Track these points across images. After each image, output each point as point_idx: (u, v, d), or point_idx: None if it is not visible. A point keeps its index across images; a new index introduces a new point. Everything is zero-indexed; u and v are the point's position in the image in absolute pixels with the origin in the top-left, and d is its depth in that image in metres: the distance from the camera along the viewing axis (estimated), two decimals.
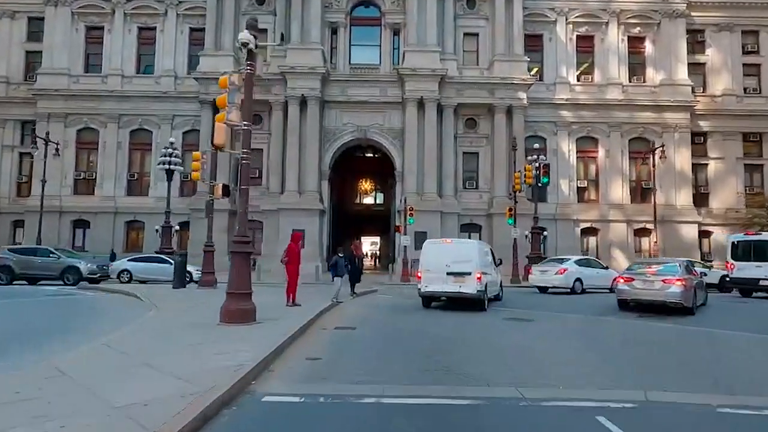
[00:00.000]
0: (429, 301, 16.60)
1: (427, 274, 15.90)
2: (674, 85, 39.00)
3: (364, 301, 18.36)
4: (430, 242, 17.59)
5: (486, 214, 36.43)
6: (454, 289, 15.54)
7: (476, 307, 15.65)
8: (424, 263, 16.15)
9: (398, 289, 23.33)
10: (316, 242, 34.23)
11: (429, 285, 15.80)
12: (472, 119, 37.47)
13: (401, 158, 35.95)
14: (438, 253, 16.00)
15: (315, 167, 35.03)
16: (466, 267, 15.37)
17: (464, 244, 17.52)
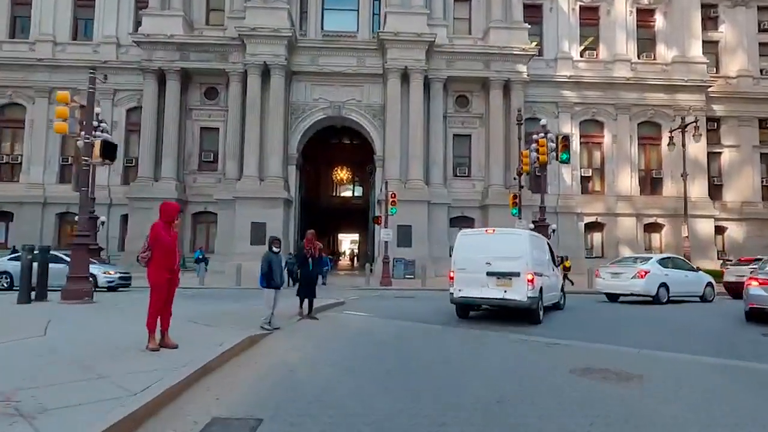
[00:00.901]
0: (465, 311, 12.28)
1: (460, 274, 11.62)
2: (688, 62, 33.63)
3: (320, 326, 10.33)
4: (466, 233, 12.87)
5: (480, 206, 30.44)
6: (497, 295, 11.15)
7: (528, 319, 11.25)
8: (458, 260, 11.84)
9: (376, 299, 17.03)
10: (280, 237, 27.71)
11: (464, 289, 11.54)
12: (464, 96, 31.43)
13: (381, 140, 29.74)
14: (475, 248, 11.66)
15: (279, 149, 28.59)
16: (513, 266, 11.04)
17: (512, 236, 12.19)
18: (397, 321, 11.21)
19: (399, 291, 20.93)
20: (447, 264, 27.78)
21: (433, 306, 14.32)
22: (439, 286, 23.44)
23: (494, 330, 10.11)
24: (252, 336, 8.02)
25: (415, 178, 28.62)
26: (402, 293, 19.52)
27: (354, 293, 18.86)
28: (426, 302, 15.52)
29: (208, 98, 30.72)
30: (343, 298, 15.35)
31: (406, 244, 27.76)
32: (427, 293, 19.86)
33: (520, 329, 10.17)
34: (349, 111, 30.15)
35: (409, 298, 17.43)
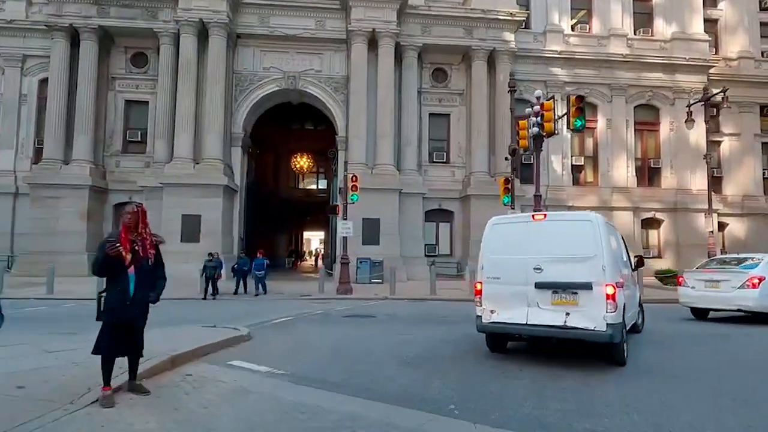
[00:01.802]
0: (500, 343, 7.69)
1: (492, 287, 7.17)
2: (688, 39, 29.34)
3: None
4: (500, 221, 7.83)
5: (460, 197, 25.34)
6: (554, 321, 6.61)
7: (606, 357, 6.79)
8: (488, 264, 7.35)
9: (316, 320, 11.10)
10: (219, 233, 22.07)
11: (499, 310, 7.04)
12: (441, 70, 26.30)
13: (345, 118, 24.36)
14: (516, 244, 7.20)
15: (219, 127, 22.88)
16: (580, 272, 6.53)
17: (576, 223, 7.25)
18: (328, 399, 5.01)
19: (358, 302, 15.57)
20: (422, 265, 22.45)
21: (409, 334, 9.02)
22: (413, 293, 18.21)
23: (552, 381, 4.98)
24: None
25: (384, 163, 23.31)
26: (361, 307, 14.05)
27: (292, 307, 13.33)
28: (393, 327, 10.12)
29: (135, 65, 24.75)
30: (247, 329, 8.64)
31: (372, 241, 22.44)
32: (397, 305, 14.56)
33: (598, 384, 5.22)
34: (306, 83, 24.65)
35: (368, 317, 11.67)
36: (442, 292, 18.06)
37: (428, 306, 14.63)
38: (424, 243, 24.71)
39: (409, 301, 16.56)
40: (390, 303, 15.53)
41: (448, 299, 17.12)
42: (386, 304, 14.93)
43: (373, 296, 17.35)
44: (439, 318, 11.27)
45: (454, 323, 10.41)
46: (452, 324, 10.32)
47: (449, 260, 25.10)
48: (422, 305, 14.89)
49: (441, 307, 14.14)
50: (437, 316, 11.67)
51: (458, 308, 13.77)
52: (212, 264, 15.77)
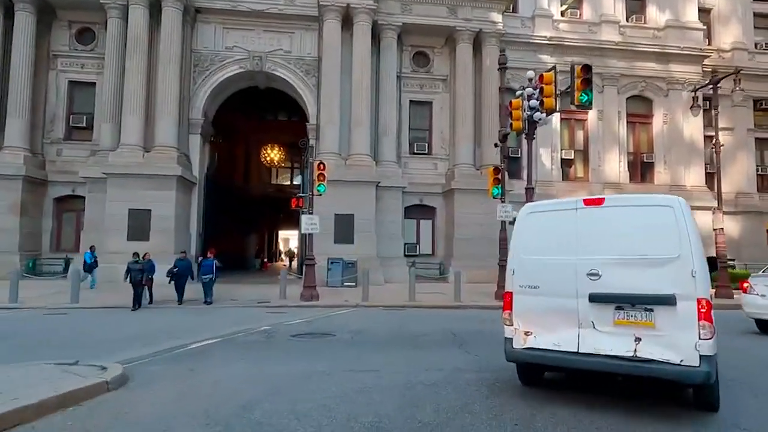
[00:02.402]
0: (534, 374, 5.61)
1: (529, 299, 5.13)
2: (682, 28, 27.41)
3: None
4: (536, 209, 5.66)
5: (443, 191, 22.86)
6: (619, 350, 4.49)
7: (696, 401, 4.61)
8: (522, 267, 5.25)
9: (253, 343, 8.25)
10: (171, 230, 19.20)
11: (538, 331, 5.00)
12: (423, 53, 23.79)
13: (316, 103, 21.68)
14: (561, 239, 5.06)
15: (174, 111, 19.99)
16: (655, 279, 4.51)
17: (644, 211, 4.93)
18: None
19: (323, 311, 12.94)
20: (401, 266, 19.84)
21: (375, 370, 6.31)
22: (389, 299, 15.63)
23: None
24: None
25: (360, 153, 20.69)
26: (323, 319, 11.39)
27: (234, 321, 10.63)
28: (354, 355, 7.35)
29: (80, 42, 21.69)
30: (120, 367, 5.81)
31: (346, 239, 19.82)
32: (368, 316, 11.95)
33: None
34: (274, 65, 21.88)
35: (324, 337, 8.67)
36: (422, 297, 15.56)
37: (406, 316, 12.08)
38: (404, 242, 22.16)
39: (384, 309, 14.00)
40: (361, 313, 12.93)
41: (430, 306, 14.63)
42: (355, 315, 12.32)
43: (342, 303, 14.75)
44: (418, 337, 8.71)
45: (439, 345, 7.89)
46: (436, 347, 7.78)
47: (431, 261, 22.62)
48: (399, 315, 12.34)
49: (421, 318, 11.61)
50: (416, 333, 9.12)
51: (441, 319, 11.26)
52: (137, 266, 12.91)
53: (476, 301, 15.47)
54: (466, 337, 8.53)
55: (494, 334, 8.91)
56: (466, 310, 14.22)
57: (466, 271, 19.42)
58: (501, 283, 15.88)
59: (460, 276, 15.51)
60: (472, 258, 20.85)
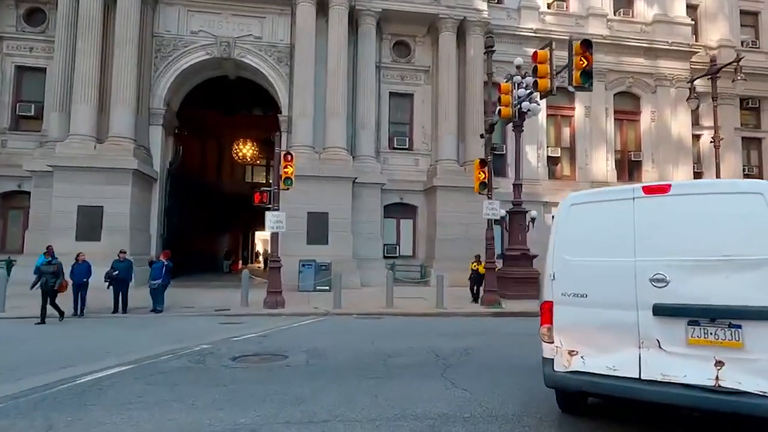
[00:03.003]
0: (577, 401, 4.54)
1: (574, 310, 4.18)
2: (670, 23, 26.30)
3: None
4: (584, 200, 4.37)
5: (425, 189, 21.22)
6: (695, 378, 3.56)
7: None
8: (565, 271, 4.26)
9: (156, 388, 6.63)
10: (127, 229, 17.16)
11: (587, 351, 4.06)
12: (404, 42, 22.12)
13: (289, 94, 19.85)
14: (615, 236, 4.11)
15: (131, 99, 17.96)
16: (744, 286, 3.47)
17: (724, 200, 3.70)
18: None
19: (287, 320, 11.13)
20: (380, 269, 18.01)
21: (327, 422, 4.49)
22: (364, 305, 13.86)
23: None
24: None
25: (335, 146, 18.92)
26: (281, 332, 9.57)
27: (173, 336, 8.74)
28: (301, 392, 5.60)
29: (29, 24, 19.52)
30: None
31: (319, 239, 18.03)
32: (336, 327, 10.19)
33: None
34: (243, 51, 19.99)
35: (274, 361, 6.82)
36: (402, 303, 13.88)
37: (380, 328, 10.37)
38: (383, 243, 20.45)
39: (357, 317, 12.27)
40: (329, 323, 11.17)
41: (409, 314, 12.95)
42: (323, 326, 10.56)
43: (311, 310, 12.98)
44: (391, 358, 6.97)
45: (417, 372, 6.15)
46: (413, 376, 6.02)
47: (412, 263, 20.94)
48: (373, 326, 10.62)
49: (398, 330, 9.91)
50: (390, 351, 7.40)
51: (422, 331, 9.56)
52: (50, 269, 10.87)
53: (461, 308, 13.85)
54: (452, 359, 6.85)
55: (486, 352, 7.26)
56: (449, 319, 12.57)
57: (450, 273, 17.77)
58: (487, 288, 14.29)
59: (442, 280, 13.85)
60: (456, 260, 19.22)
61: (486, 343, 8.32)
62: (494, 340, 8.75)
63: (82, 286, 11.67)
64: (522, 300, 15.02)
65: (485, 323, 11.51)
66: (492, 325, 11.05)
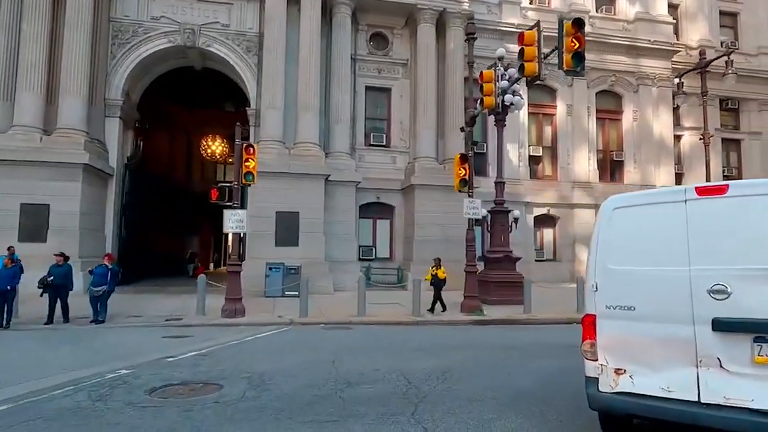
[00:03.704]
0: (622, 424, 4.03)
1: (621, 324, 3.83)
2: (652, 21, 25.57)
3: None
4: (628, 203, 4.03)
5: (402, 188, 19.92)
6: (763, 402, 3.12)
7: None
8: (609, 281, 3.92)
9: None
10: (76, 229, 15.45)
11: (636, 369, 3.71)
12: (381, 34, 20.82)
13: (257, 85, 18.35)
14: (665, 242, 3.75)
15: (83, 88, 16.22)
16: None
17: None
18: None
19: (245, 331, 9.64)
20: (354, 272, 16.35)
21: None
22: (334, 313, 12.40)
23: None
24: None
25: (307, 141, 17.48)
26: (229, 349, 8.09)
27: (102, 354, 7.21)
28: None
29: None
30: None
31: (289, 241, 16.56)
32: (295, 343, 8.74)
33: None
34: (209, 40, 18.42)
35: (202, 393, 5.32)
36: (375, 310, 12.54)
37: (347, 341, 9.00)
38: (358, 244, 19.07)
39: (325, 327, 10.89)
40: (291, 335, 9.75)
41: (382, 322, 11.61)
42: (281, 340, 9.13)
43: (274, 320, 11.53)
44: (352, 387, 5.57)
45: (382, 411, 4.75)
46: (376, 416, 4.65)
47: (389, 265, 19.61)
48: (339, 339, 9.25)
49: (367, 345, 8.55)
50: (352, 377, 5.99)
51: (394, 346, 8.22)
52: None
53: (439, 315, 12.57)
54: (427, 387, 5.53)
55: (470, 376, 5.94)
56: (426, 328, 11.28)
57: None
58: (467, 293, 13.03)
59: (419, 285, 12.54)
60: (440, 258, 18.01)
61: (469, 361, 7.03)
62: (478, 356, 7.46)
63: (8, 293, 10.04)
64: (505, 305, 13.84)
65: (466, 333, 10.23)
66: (474, 336, 9.78)
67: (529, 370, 6.48)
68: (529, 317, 12.49)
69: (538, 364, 6.95)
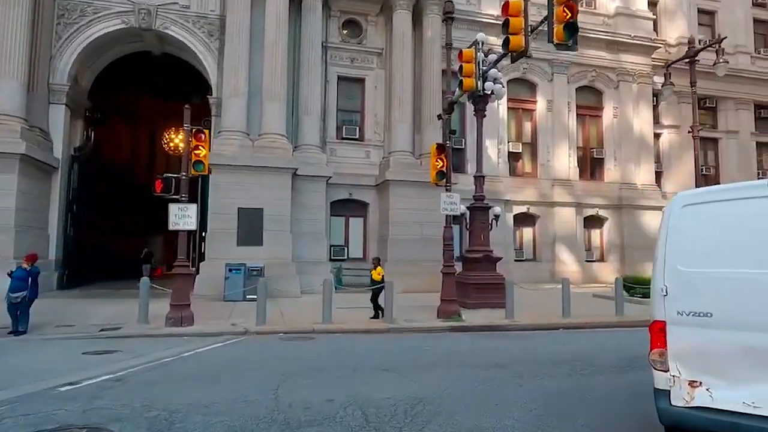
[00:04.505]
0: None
1: (696, 332, 3.46)
2: (633, 16, 24.83)
3: None
4: (701, 199, 3.68)
5: (376, 184, 18.56)
6: None
7: None
8: (681, 284, 3.56)
9: None
10: (11, 227, 13.64)
11: (714, 382, 3.28)
12: (355, 21, 19.41)
13: (219, 73, 16.75)
14: (746, 242, 3.29)
15: (20, 70, 14.36)
16: None
17: None
18: None
19: (179, 348, 8.04)
20: (325, 273, 14.50)
21: None
22: (296, 319, 10.84)
23: None
24: None
25: (273, 133, 15.94)
26: (146, 376, 6.55)
27: None
28: None
29: None
30: None
31: (252, 240, 15.02)
32: (248, 357, 7.27)
33: None
34: (167, 22, 16.73)
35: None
36: (343, 315, 11.18)
37: (304, 355, 7.60)
38: (329, 243, 17.65)
39: (283, 337, 9.46)
40: (240, 348, 8.29)
41: (349, 331, 10.25)
42: (225, 356, 7.66)
43: (227, 328, 10.03)
44: (295, 429, 4.23)
45: None
46: None
47: (362, 266, 18.18)
48: (295, 352, 7.85)
49: (325, 362, 7.15)
50: (297, 413, 4.56)
51: (360, 359, 6.85)
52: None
53: (414, 321, 11.26)
54: (392, 430, 4.18)
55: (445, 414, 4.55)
56: (399, 336, 9.96)
57: (403, 278, 15.25)
58: (444, 297, 11.74)
59: (392, 287, 11.19)
60: (410, 263, 16.75)
61: (446, 385, 5.70)
62: (457, 377, 6.14)
63: None
64: (485, 309, 12.62)
65: (444, 344, 8.92)
66: (452, 348, 8.48)
67: (521, 397, 5.20)
68: (511, 322, 11.27)
69: (530, 386, 5.67)
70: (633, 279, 16.12)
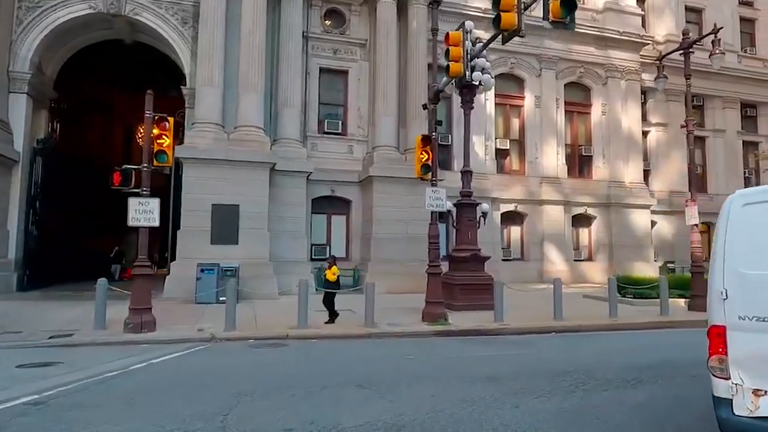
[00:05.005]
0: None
1: (760, 337, 3.14)
2: (621, 12, 24.27)
3: None
4: (759, 197, 3.35)
5: (360, 180, 17.68)
6: None
7: None
8: (741, 286, 3.27)
9: None
10: None
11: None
12: (338, 11, 18.50)
13: (193, 62, 15.72)
14: None
15: None
16: None
17: None
18: None
19: (133, 359, 7.06)
20: (305, 273, 14.01)
21: None
22: (270, 324, 9.78)
23: None
24: None
25: (249, 125, 14.97)
26: (59, 404, 5.59)
27: None
28: None
29: None
30: None
31: (227, 238, 14.05)
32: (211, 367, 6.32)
33: None
34: (138, 8, 15.64)
35: None
36: (322, 318, 10.29)
37: (269, 367, 6.72)
38: (310, 242, 16.75)
39: (253, 344, 8.55)
40: (203, 357, 7.38)
41: (326, 336, 9.37)
42: (179, 369, 6.73)
43: (193, 334, 9.08)
44: None
45: None
46: None
47: (345, 266, 17.27)
48: (261, 363, 6.97)
49: (292, 374, 6.29)
50: None
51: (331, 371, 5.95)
52: None
53: (397, 324, 10.40)
54: None
55: None
56: (380, 341, 9.13)
57: (387, 279, 14.45)
58: (429, 298, 10.92)
59: (373, 288, 10.32)
60: (395, 263, 15.93)
61: (430, 406, 4.86)
62: (444, 395, 5.29)
63: None
64: (473, 311, 11.82)
65: (429, 351, 8.09)
66: (438, 356, 7.66)
67: (521, 422, 4.38)
68: (501, 326, 10.48)
69: (530, 407, 4.85)
70: (623, 279, 15.46)
